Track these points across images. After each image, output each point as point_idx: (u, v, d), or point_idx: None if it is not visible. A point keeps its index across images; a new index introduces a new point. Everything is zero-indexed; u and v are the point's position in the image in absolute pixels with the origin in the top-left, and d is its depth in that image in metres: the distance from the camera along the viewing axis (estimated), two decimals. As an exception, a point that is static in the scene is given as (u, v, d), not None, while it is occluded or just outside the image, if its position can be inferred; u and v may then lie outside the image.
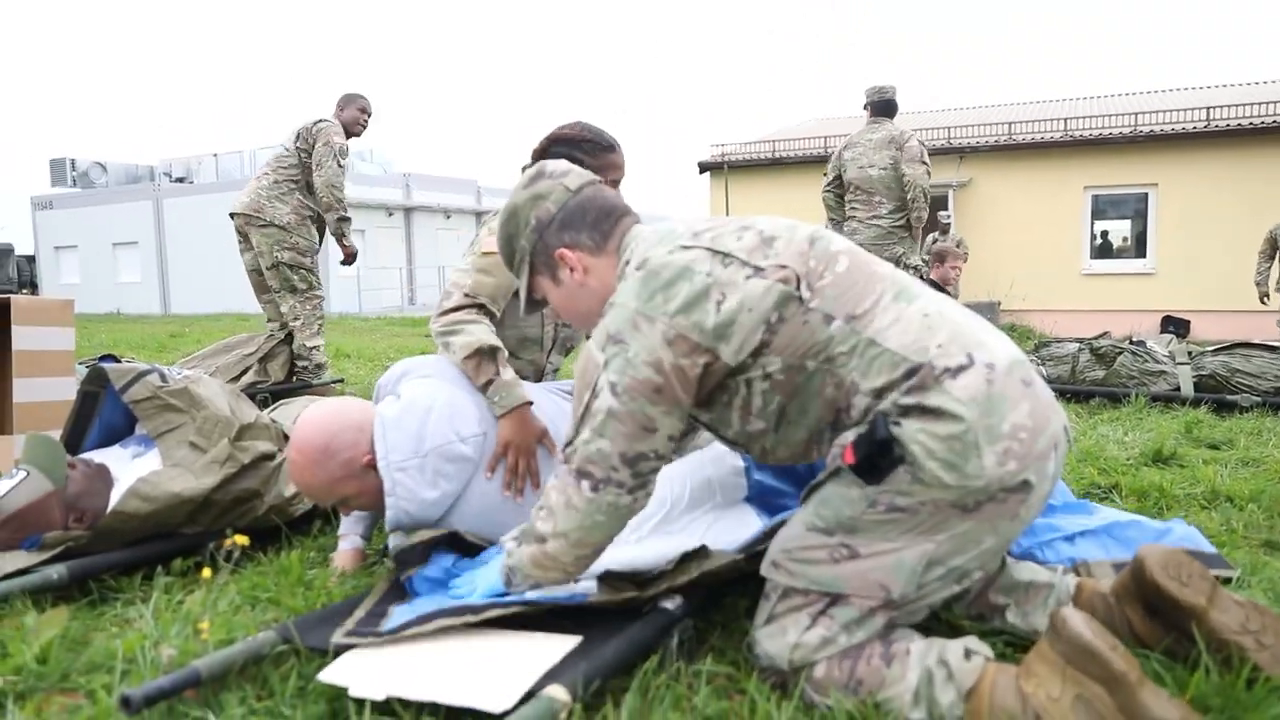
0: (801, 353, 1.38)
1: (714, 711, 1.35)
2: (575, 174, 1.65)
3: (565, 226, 1.58)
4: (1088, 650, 1.21)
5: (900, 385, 1.33)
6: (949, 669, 1.30)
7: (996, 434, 1.28)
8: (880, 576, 1.34)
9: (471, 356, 2.00)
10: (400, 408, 1.87)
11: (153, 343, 9.74)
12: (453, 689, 1.29)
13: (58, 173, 27.33)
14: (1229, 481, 2.76)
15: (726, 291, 1.37)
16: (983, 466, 1.27)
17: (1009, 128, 12.90)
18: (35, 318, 3.31)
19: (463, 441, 1.87)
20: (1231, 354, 4.55)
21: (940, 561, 1.34)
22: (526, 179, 1.65)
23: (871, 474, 1.31)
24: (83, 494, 2.09)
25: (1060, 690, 1.22)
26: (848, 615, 1.36)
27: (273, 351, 4.89)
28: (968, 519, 1.31)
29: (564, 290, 1.62)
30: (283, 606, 1.81)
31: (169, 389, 2.24)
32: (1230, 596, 1.41)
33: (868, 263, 1.46)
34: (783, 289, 1.37)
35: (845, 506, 1.35)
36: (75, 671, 1.52)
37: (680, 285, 1.37)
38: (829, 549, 1.36)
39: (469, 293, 2.14)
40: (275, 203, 4.83)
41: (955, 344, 1.35)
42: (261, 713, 1.36)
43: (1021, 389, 1.33)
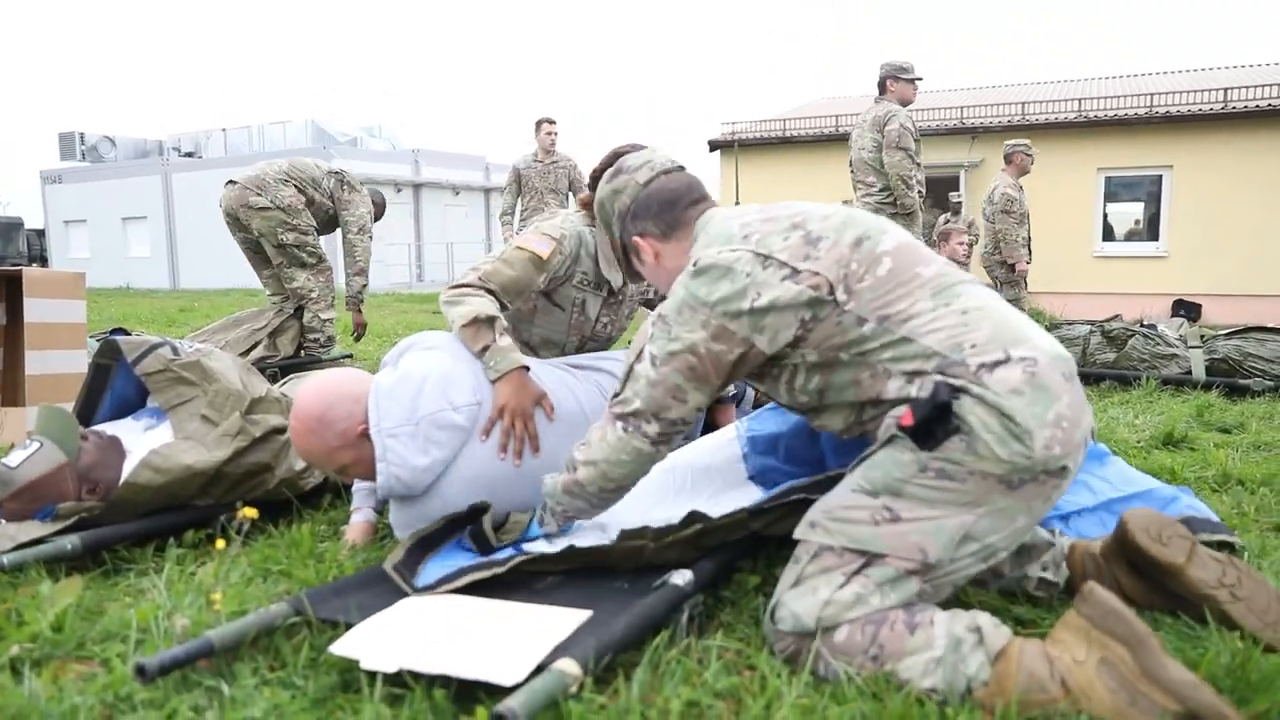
0: (835, 347, 1.49)
1: (724, 687, 1.35)
2: (646, 168, 1.85)
3: (636, 217, 1.78)
4: (1113, 613, 1.26)
5: (933, 371, 1.40)
6: (981, 634, 1.32)
7: (1043, 420, 1.34)
8: (919, 539, 1.37)
9: (469, 325, 2.03)
10: (396, 377, 1.89)
11: (162, 317, 9.77)
12: (463, 662, 1.30)
13: (67, 147, 27.33)
14: (1240, 465, 2.75)
15: (762, 291, 1.48)
16: (1033, 447, 1.33)
17: (1022, 108, 12.76)
18: (48, 290, 3.32)
19: (455, 410, 1.87)
20: (1245, 338, 4.52)
21: (976, 537, 1.38)
22: (608, 175, 1.91)
23: (927, 439, 1.36)
24: (95, 465, 2.10)
25: (1085, 653, 1.26)
26: (883, 575, 1.38)
27: (282, 326, 4.88)
28: (1009, 496, 1.36)
29: (646, 269, 1.81)
30: (294, 579, 1.82)
31: (181, 362, 2.24)
32: (1209, 554, 1.49)
33: (913, 263, 1.52)
34: (813, 294, 1.47)
35: (895, 469, 1.40)
36: (90, 640, 1.53)
37: (723, 283, 1.50)
38: (871, 510, 1.40)
39: (482, 278, 2.18)
40: (280, 186, 4.75)
41: (993, 342, 1.40)
42: (274, 683, 1.37)
43: (1063, 382, 1.38)
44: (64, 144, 27.39)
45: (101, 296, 15.70)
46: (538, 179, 7.12)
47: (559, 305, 2.41)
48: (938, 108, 13.19)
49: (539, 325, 2.47)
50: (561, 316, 2.43)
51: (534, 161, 7.14)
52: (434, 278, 26.09)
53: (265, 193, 4.71)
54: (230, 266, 22.39)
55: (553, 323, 2.44)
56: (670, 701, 1.29)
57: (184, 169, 25.75)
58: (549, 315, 2.43)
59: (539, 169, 7.13)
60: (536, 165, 7.13)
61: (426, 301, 14.14)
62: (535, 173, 7.12)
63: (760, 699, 1.31)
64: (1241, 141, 11.33)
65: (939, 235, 6.93)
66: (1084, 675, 1.24)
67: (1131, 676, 1.22)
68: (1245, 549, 1.94)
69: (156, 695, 1.33)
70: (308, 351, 4.98)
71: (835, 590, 1.38)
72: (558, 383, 2.11)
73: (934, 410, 1.35)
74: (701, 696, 1.32)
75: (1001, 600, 1.68)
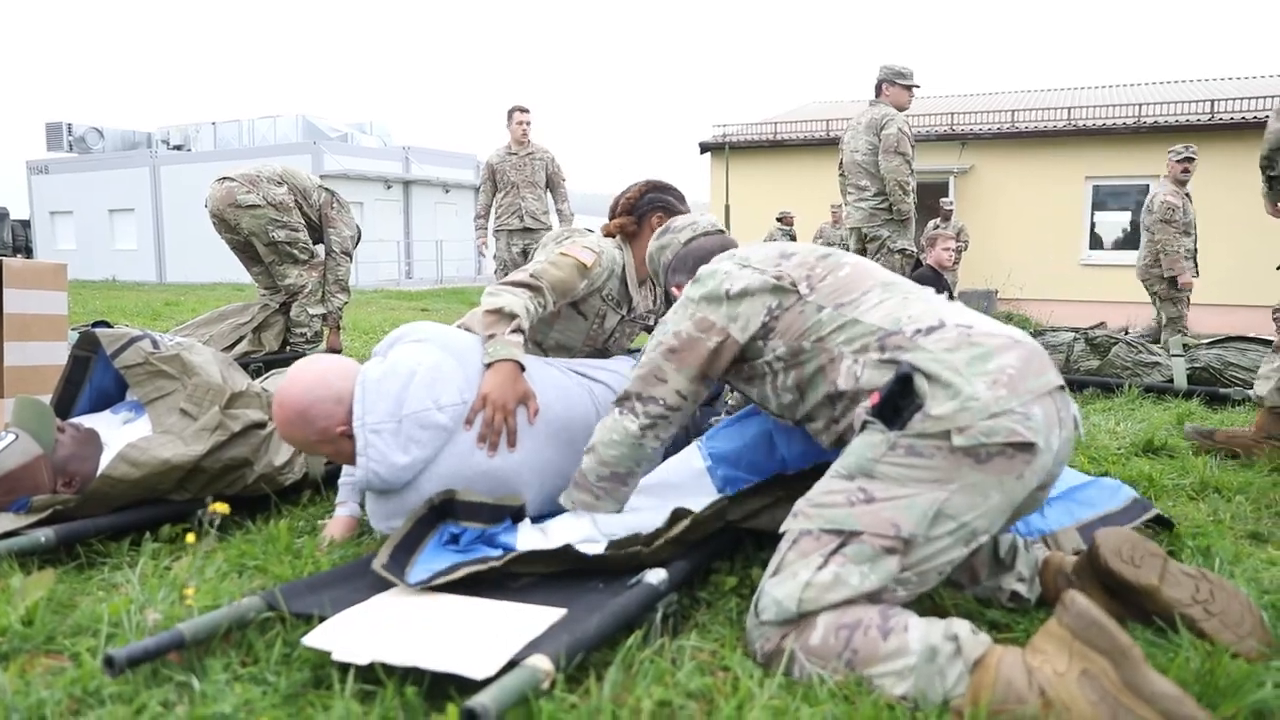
0: (798, 335, 1.65)
1: (696, 687, 1.35)
2: (689, 229, 2.16)
3: (675, 270, 2.11)
4: (1096, 624, 1.25)
5: (875, 346, 1.55)
6: (958, 643, 1.31)
7: (982, 369, 1.44)
8: (892, 515, 1.40)
9: (491, 312, 2.09)
10: (383, 370, 1.89)
11: (147, 310, 9.70)
12: (436, 655, 1.30)
13: (54, 137, 27.09)
14: (1218, 473, 2.77)
15: (734, 283, 1.72)
16: (976, 391, 1.40)
17: (1012, 115, 12.84)
18: (28, 281, 3.29)
19: (440, 410, 1.87)
20: (1226, 347, 4.56)
21: (950, 514, 1.40)
22: (658, 234, 2.22)
23: (894, 417, 1.44)
24: (71, 458, 2.08)
25: (1067, 665, 1.25)
26: (860, 553, 1.40)
27: (267, 321, 4.86)
28: (978, 471, 1.40)
29: None
30: (270, 574, 1.81)
31: (160, 355, 2.23)
32: (1180, 568, 1.50)
33: (869, 271, 1.73)
34: (775, 283, 1.69)
35: (867, 450, 1.46)
36: (60, 634, 1.52)
37: (708, 282, 1.76)
38: (847, 493, 1.45)
39: (533, 275, 2.25)
40: (273, 186, 4.72)
41: (929, 314, 1.56)
42: (245, 678, 1.36)
43: (1009, 343, 1.49)
44: (51, 134, 27.15)
45: (87, 289, 15.58)
46: (513, 172, 6.75)
47: (583, 314, 2.51)
48: (928, 114, 13.25)
49: (558, 330, 2.55)
50: (582, 325, 2.52)
51: (508, 154, 6.76)
52: (423, 275, 26.01)
53: (256, 189, 4.66)
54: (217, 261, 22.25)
55: (572, 330, 2.53)
56: (642, 701, 1.29)
57: (172, 162, 25.59)
58: (571, 322, 2.52)
59: (514, 161, 6.75)
60: (511, 158, 6.75)
61: (414, 299, 14.10)
62: (510, 165, 6.75)
63: (733, 700, 1.31)
64: (1227, 153, 11.42)
65: (926, 240, 6.92)
66: (1065, 687, 1.23)
67: (1114, 689, 1.21)
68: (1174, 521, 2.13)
69: (125, 689, 1.32)
70: (292, 346, 4.96)
71: (814, 572, 1.40)
72: (552, 386, 2.11)
73: (896, 386, 1.44)
74: (673, 696, 1.32)
75: (976, 605, 1.69)
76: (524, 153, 6.75)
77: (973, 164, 12.88)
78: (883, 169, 5.34)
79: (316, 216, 4.94)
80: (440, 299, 14.44)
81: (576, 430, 2.08)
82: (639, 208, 2.52)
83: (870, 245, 5.50)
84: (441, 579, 1.58)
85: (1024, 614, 1.67)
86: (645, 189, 2.55)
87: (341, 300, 5.05)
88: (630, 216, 2.52)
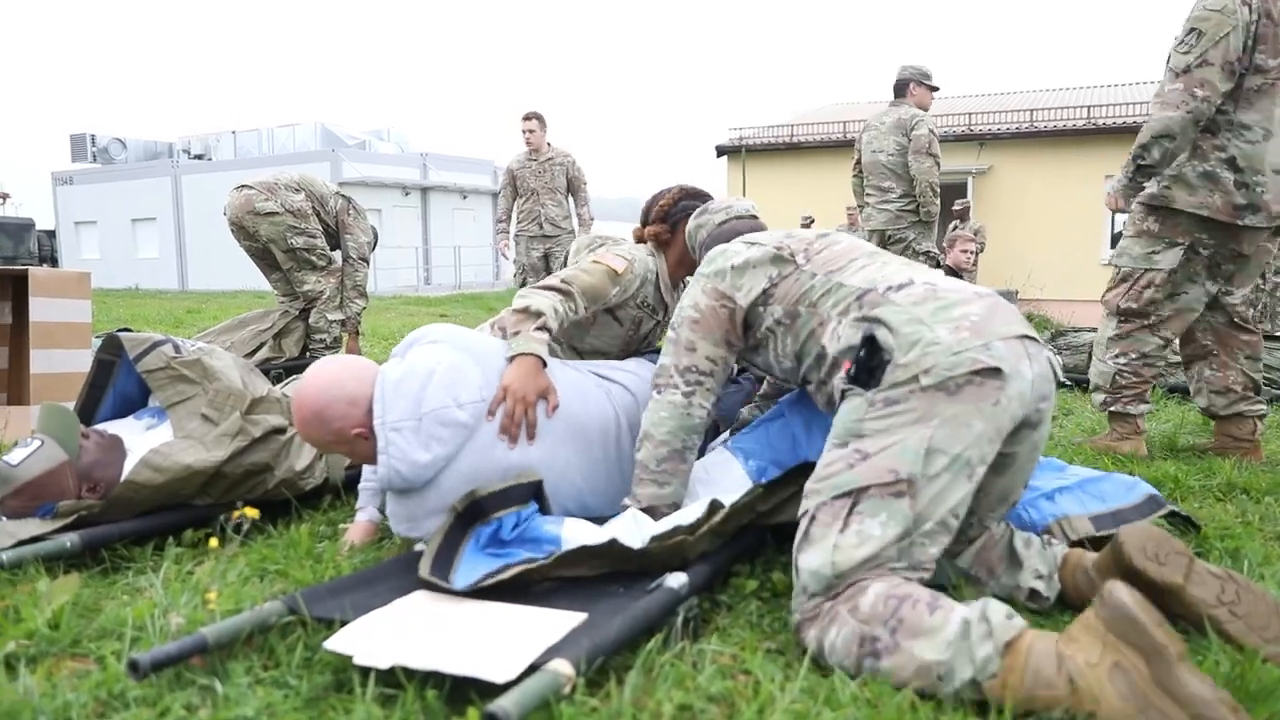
0: (794, 300, 1.81)
1: (717, 691, 1.35)
2: (724, 211, 2.33)
3: (707, 248, 2.25)
4: (1131, 620, 1.24)
5: (854, 306, 1.68)
6: (989, 625, 1.31)
7: (945, 316, 1.54)
8: (887, 462, 1.47)
9: (519, 312, 2.13)
10: (403, 370, 1.89)
11: (170, 318, 9.81)
12: (457, 659, 1.30)
13: (78, 148, 27.50)
14: (1245, 474, 2.73)
15: (738, 257, 1.91)
16: (937, 336, 1.50)
17: (1030, 115, 12.75)
18: (53, 290, 3.34)
19: (460, 407, 1.87)
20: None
21: (941, 448, 1.46)
22: (697, 213, 2.39)
23: (868, 377, 1.54)
24: (96, 464, 2.10)
25: (1099, 657, 1.24)
26: (872, 506, 1.46)
27: (287, 328, 4.90)
28: (953, 402, 1.47)
29: None
30: (291, 579, 1.82)
31: (182, 360, 2.25)
32: (1206, 569, 1.47)
33: (860, 245, 1.89)
34: (775, 253, 1.87)
35: (851, 415, 1.55)
36: (86, 638, 1.53)
37: (716, 260, 1.94)
38: (844, 459, 1.52)
39: (564, 280, 2.28)
40: (291, 193, 4.79)
41: (900, 273, 1.70)
42: (267, 682, 1.37)
43: (972, 295, 1.60)
44: (75, 145, 27.56)
45: (110, 297, 15.78)
46: (532, 178, 6.69)
47: (619, 320, 2.54)
48: (946, 114, 13.17)
49: (594, 336, 2.58)
50: (619, 331, 2.56)
51: (528, 160, 6.68)
52: (441, 281, 26.15)
53: (275, 196, 4.72)
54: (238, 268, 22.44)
55: (608, 335, 2.56)
56: (662, 705, 1.28)
57: (193, 171, 25.88)
58: (607, 328, 2.55)
59: (534, 168, 6.68)
60: (531, 164, 6.67)
61: (433, 305, 14.17)
62: (530, 172, 6.68)
63: (753, 704, 1.30)
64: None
65: (946, 242, 6.87)
66: (1095, 678, 1.22)
67: (1144, 685, 1.20)
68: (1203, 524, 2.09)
69: (149, 692, 1.33)
70: (313, 352, 5.00)
71: (838, 535, 1.46)
72: (569, 385, 2.11)
73: (865, 346, 1.55)
74: (694, 700, 1.31)
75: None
76: (543, 158, 6.69)
77: (991, 164, 12.80)
78: (914, 170, 5.28)
79: (333, 223, 4.98)
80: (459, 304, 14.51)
81: (593, 431, 2.08)
82: (672, 215, 2.56)
83: (894, 247, 5.44)
84: (491, 580, 1.59)
85: (1045, 615, 1.65)
86: (679, 196, 2.59)
87: (360, 305, 5.09)
88: (664, 224, 2.56)
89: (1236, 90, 2.75)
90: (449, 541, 1.75)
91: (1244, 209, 2.80)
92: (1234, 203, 2.80)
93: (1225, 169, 2.79)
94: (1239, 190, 2.78)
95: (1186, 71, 2.73)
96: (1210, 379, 3.10)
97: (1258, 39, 2.70)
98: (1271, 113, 2.75)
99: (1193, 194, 2.84)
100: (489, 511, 1.82)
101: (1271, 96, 2.74)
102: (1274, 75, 2.73)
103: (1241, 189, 2.78)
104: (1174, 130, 2.75)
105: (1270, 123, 2.76)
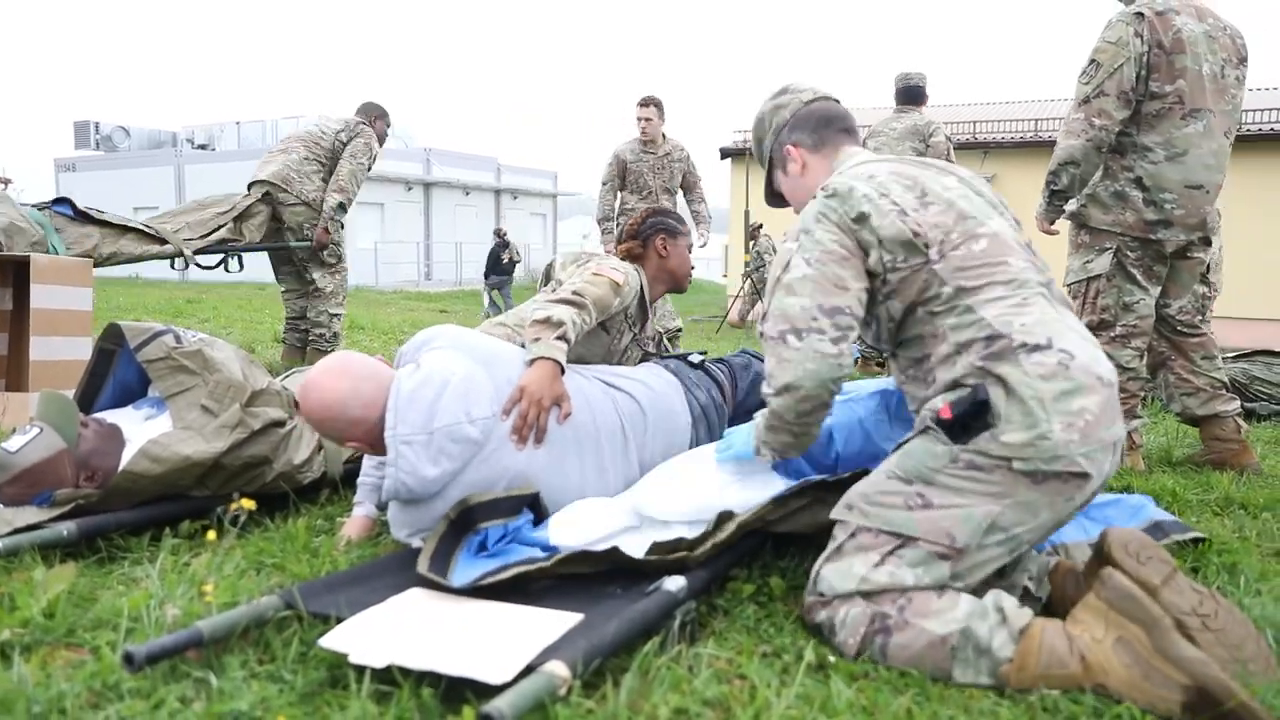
0: (913, 300, 1.62)
1: (713, 695, 1.34)
2: (811, 90, 2.01)
3: (794, 128, 1.95)
4: (1130, 596, 1.38)
5: (979, 347, 1.53)
6: (1004, 613, 1.42)
7: (1065, 409, 1.45)
8: (949, 525, 1.48)
9: (539, 323, 2.12)
10: (418, 380, 1.87)
11: (169, 308, 9.80)
12: (452, 659, 1.30)
13: (81, 136, 27.45)
14: (1243, 489, 2.73)
15: (875, 217, 1.64)
16: (1050, 430, 1.44)
17: (1035, 124, 12.75)
18: (55, 277, 3.33)
19: (471, 423, 1.86)
20: (1252, 361, 4.50)
21: (1002, 527, 1.48)
22: (772, 95, 2.04)
23: (961, 433, 1.49)
24: (94, 453, 2.10)
25: (1104, 633, 1.39)
26: (916, 557, 1.49)
27: (249, 210, 4.70)
28: (1033, 490, 1.46)
29: (789, 181, 1.96)
30: (287, 572, 1.82)
31: (183, 350, 2.24)
32: (1189, 583, 1.51)
33: (1004, 251, 1.64)
34: (911, 237, 1.62)
35: (928, 459, 1.53)
36: (81, 627, 1.53)
37: (850, 201, 1.66)
38: (905, 496, 1.52)
39: (576, 292, 2.28)
40: (304, 179, 4.85)
41: (1040, 327, 1.53)
42: (262, 676, 1.37)
43: (1096, 382, 1.49)
44: (79, 132, 27.51)
45: (110, 286, 15.75)
46: (650, 175, 5.83)
47: (607, 330, 2.57)
48: (950, 122, 13.16)
49: (581, 345, 2.57)
50: (604, 340, 2.58)
51: (643, 152, 5.83)
52: (442, 277, 26.13)
53: (291, 188, 4.81)
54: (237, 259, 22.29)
55: (595, 345, 2.58)
56: (658, 708, 1.28)
57: (197, 161, 25.85)
58: (595, 339, 2.56)
59: (650, 162, 5.83)
60: (647, 158, 5.82)
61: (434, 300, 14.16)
62: (647, 167, 5.83)
63: (750, 708, 1.30)
64: (1247, 165, 11.26)
65: None
66: (1102, 652, 1.36)
67: (1145, 654, 1.34)
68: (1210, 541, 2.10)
69: (144, 684, 1.32)
70: (313, 345, 5.01)
71: (871, 568, 1.50)
72: (579, 394, 2.11)
73: (972, 407, 1.48)
74: (690, 704, 1.31)
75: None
76: (660, 152, 5.88)
77: (995, 172, 12.80)
78: None
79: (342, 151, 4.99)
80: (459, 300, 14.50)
81: (598, 439, 2.08)
82: (642, 232, 2.69)
83: None
84: (490, 579, 1.59)
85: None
86: (647, 214, 2.74)
87: (335, 200, 4.85)
88: (636, 240, 2.69)
89: (1136, 115, 2.92)
90: (445, 543, 1.75)
91: (1156, 224, 2.95)
92: (1145, 219, 2.95)
93: (1134, 188, 2.95)
94: (1148, 207, 2.94)
95: (1086, 101, 2.92)
96: (1176, 383, 3.22)
97: (1151, 68, 2.86)
98: (1171, 134, 2.89)
99: (1106, 213, 3.01)
100: (478, 520, 1.82)
101: (1170, 119, 2.89)
102: (1170, 100, 2.87)
103: (1150, 206, 2.94)
104: (1077, 157, 2.93)
105: (1173, 144, 2.90)
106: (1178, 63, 2.85)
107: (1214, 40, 2.91)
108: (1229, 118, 2.97)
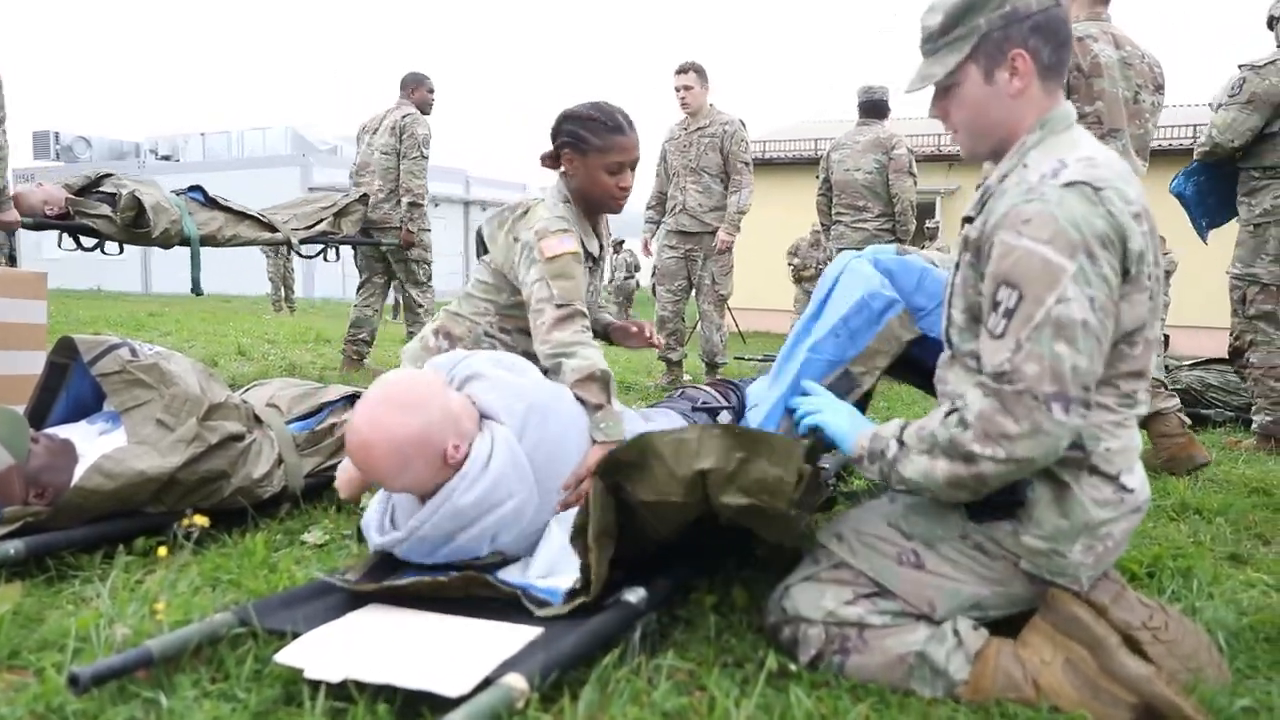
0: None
1: (673, 707, 1.34)
2: None
3: (1036, 30, 1.42)
4: (1074, 618, 1.40)
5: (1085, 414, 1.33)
6: (960, 637, 1.43)
7: (1094, 535, 1.43)
8: (932, 594, 1.47)
9: (585, 380, 2.02)
10: (474, 498, 1.72)
11: (131, 321, 9.62)
12: (409, 672, 1.28)
13: (40, 146, 26.92)
14: (1199, 495, 2.78)
15: (1130, 235, 1.35)
16: (1069, 554, 1.42)
17: (998, 137, 12.93)
18: (7, 290, 3.26)
19: (488, 549, 1.78)
20: (1207, 369, 4.59)
21: (982, 606, 1.49)
22: None
23: (980, 514, 1.45)
24: (45, 469, 2.05)
25: (1051, 655, 1.40)
26: (888, 608, 1.49)
27: (349, 208, 5.15)
28: (1027, 588, 1.47)
29: (987, 93, 1.46)
30: (244, 589, 1.79)
31: (139, 364, 2.20)
32: (1138, 597, 1.53)
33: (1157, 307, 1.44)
34: (1149, 302, 1.40)
35: (937, 525, 1.49)
36: (26, 649, 1.49)
37: (1101, 212, 1.32)
38: (900, 549, 1.50)
39: (561, 302, 2.11)
40: (393, 211, 5.29)
41: (1121, 457, 1.43)
42: (215, 695, 1.34)
43: (1131, 513, 1.47)
44: (38, 142, 26.98)
45: (70, 298, 15.45)
46: (675, 155, 5.17)
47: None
48: (915, 134, 13.35)
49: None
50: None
51: (677, 130, 5.22)
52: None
53: (390, 221, 5.29)
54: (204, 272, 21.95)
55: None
56: (617, 720, 1.28)
57: (160, 172, 25.43)
58: None
59: (678, 142, 5.18)
60: (679, 136, 5.19)
61: (402, 312, 14.01)
62: (674, 147, 5.20)
63: (709, 720, 1.29)
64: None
65: None
66: (1052, 674, 1.38)
67: (1093, 674, 1.36)
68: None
69: (90, 706, 1.29)
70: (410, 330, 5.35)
71: (841, 604, 1.50)
72: None
73: (1005, 499, 1.42)
74: (648, 716, 1.30)
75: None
76: (693, 127, 5.12)
77: (960, 184, 12.99)
78: (895, 190, 5.35)
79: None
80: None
81: None
82: (555, 142, 2.29)
83: None
84: (428, 579, 1.59)
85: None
86: (560, 119, 2.28)
87: (409, 200, 5.26)
88: (552, 148, 2.30)
89: None
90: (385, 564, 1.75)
91: None
92: None
93: None
94: None
95: None
96: None
97: (1070, 90, 2.96)
98: None
99: None
100: None
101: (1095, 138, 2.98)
102: (1090, 120, 2.96)
103: None
104: None
105: None
106: (1096, 85, 2.98)
107: (1130, 66, 3.06)
108: (1141, 140, 3.13)
